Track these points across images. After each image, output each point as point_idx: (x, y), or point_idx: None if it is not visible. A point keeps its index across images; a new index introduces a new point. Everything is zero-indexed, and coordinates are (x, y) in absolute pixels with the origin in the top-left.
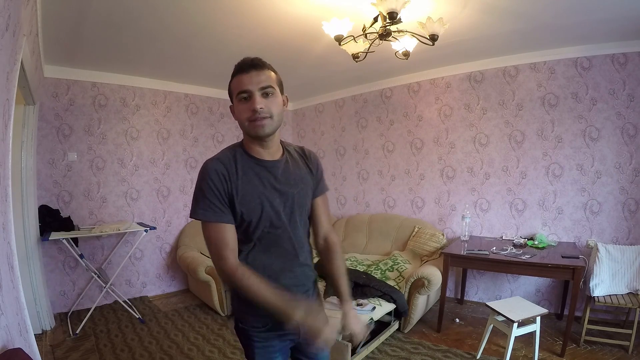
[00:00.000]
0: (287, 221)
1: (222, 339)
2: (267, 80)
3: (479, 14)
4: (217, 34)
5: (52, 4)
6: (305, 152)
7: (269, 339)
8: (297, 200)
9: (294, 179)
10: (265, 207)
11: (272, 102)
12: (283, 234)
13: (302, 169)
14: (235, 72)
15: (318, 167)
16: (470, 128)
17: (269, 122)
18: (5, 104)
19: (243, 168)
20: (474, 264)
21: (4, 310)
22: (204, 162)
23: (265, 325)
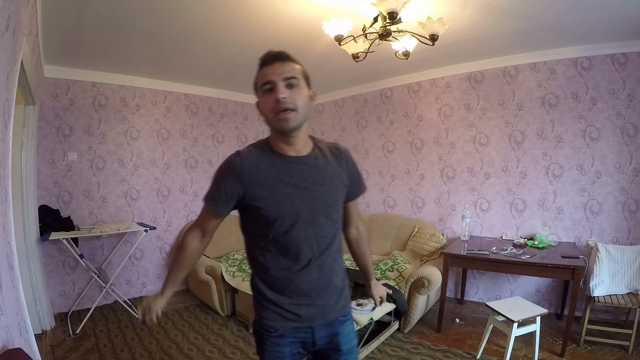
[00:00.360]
0: (308, 221)
1: (222, 339)
2: (291, 71)
3: (479, 14)
4: (217, 34)
5: (52, 4)
6: (339, 149)
7: (280, 345)
8: (323, 200)
9: (321, 177)
10: (284, 205)
11: (297, 94)
12: (302, 234)
13: (333, 167)
14: (260, 66)
15: (353, 167)
16: (470, 128)
17: (294, 115)
18: (5, 104)
19: (266, 163)
20: (474, 264)
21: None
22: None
23: (276, 330)
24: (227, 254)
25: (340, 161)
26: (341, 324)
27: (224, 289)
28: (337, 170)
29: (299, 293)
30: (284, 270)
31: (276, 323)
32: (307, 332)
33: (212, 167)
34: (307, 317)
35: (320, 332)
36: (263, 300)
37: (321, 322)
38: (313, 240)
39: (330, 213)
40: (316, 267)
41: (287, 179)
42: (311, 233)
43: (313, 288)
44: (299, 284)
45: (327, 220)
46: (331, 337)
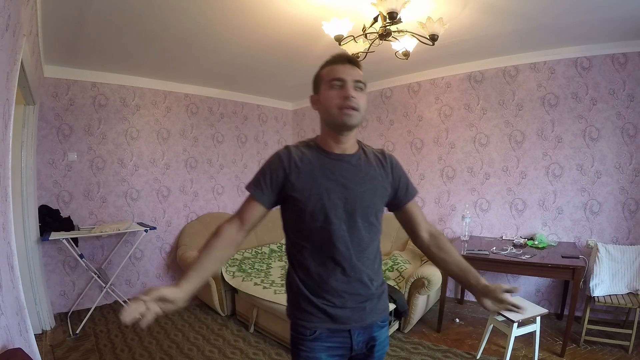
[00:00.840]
0: (344, 218)
1: (222, 339)
2: (361, 76)
3: (479, 14)
4: (217, 34)
5: (52, 4)
6: (383, 154)
7: (315, 350)
8: (360, 199)
9: (362, 177)
10: (322, 199)
11: (361, 97)
12: (337, 232)
13: (375, 170)
14: (329, 63)
15: (399, 171)
16: (470, 128)
17: (356, 114)
18: (5, 104)
19: (310, 158)
20: (474, 264)
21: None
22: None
23: (313, 333)
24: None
25: (384, 166)
26: (379, 329)
27: (224, 289)
28: (380, 173)
29: (332, 293)
30: (318, 268)
31: (311, 324)
32: (345, 337)
33: (212, 167)
34: (342, 319)
35: (357, 337)
36: (298, 298)
37: (357, 326)
38: (348, 240)
39: (367, 214)
40: (351, 268)
41: (329, 174)
42: (346, 232)
43: (346, 290)
44: (332, 283)
45: (363, 222)
46: (368, 342)
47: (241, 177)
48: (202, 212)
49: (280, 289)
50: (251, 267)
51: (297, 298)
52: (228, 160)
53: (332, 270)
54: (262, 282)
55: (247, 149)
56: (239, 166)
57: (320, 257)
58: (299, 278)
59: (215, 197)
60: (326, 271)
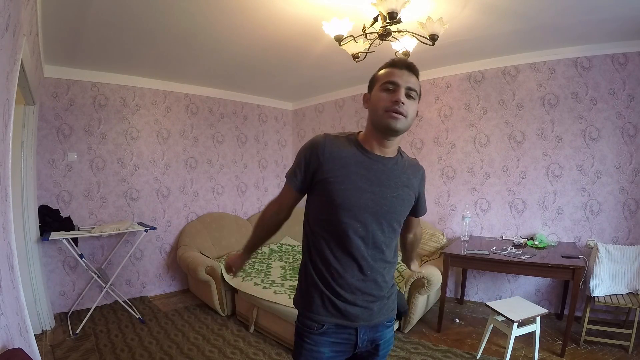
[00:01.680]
0: (370, 219)
1: (222, 339)
2: (415, 84)
3: (479, 14)
4: (217, 34)
5: (52, 4)
6: (418, 166)
7: (320, 344)
8: (390, 203)
9: (395, 182)
10: (353, 195)
11: (411, 105)
12: (361, 230)
13: (409, 178)
14: (388, 65)
15: (422, 187)
16: (470, 128)
17: (402, 120)
18: (5, 104)
19: (348, 152)
20: (474, 264)
21: (4, 310)
22: (318, 135)
23: (320, 327)
24: (227, 254)
25: (417, 176)
26: (385, 329)
27: (224, 289)
28: (412, 182)
29: (345, 288)
30: (336, 262)
31: (319, 317)
32: (351, 334)
33: (212, 167)
34: (351, 316)
35: (364, 335)
36: (311, 289)
37: (365, 324)
38: (370, 240)
39: (393, 220)
40: (367, 267)
41: (364, 172)
42: (370, 232)
43: (360, 288)
44: (348, 278)
45: (388, 226)
46: (373, 341)
47: (241, 177)
48: (202, 212)
49: (280, 289)
50: (251, 267)
51: (309, 288)
52: (228, 160)
53: (349, 267)
54: (262, 282)
55: (247, 149)
56: (239, 166)
57: (339, 251)
58: (314, 269)
59: (215, 197)
60: (343, 266)
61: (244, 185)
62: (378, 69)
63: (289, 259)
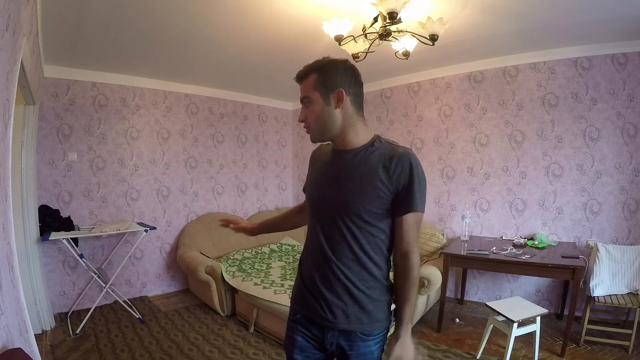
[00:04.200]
0: (327, 213)
1: (222, 339)
2: (305, 90)
3: (479, 14)
4: (217, 35)
5: (52, 4)
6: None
7: (294, 331)
8: (343, 195)
9: (350, 173)
10: (315, 192)
11: (309, 112)
12: (319, 225)
13: (371, 168)
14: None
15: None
16: (470, 128)
17: (311, 132)
18: (5, 104)
19: (324, 155)
20: (474, 264)
21: (4, 310)
22: None
23: (294, 315)
24: (227, 254)
25: (388, 164)
26: (359, 341)
27: (224, 289)
28: (375, 171)
29: (311, 278)
30: (308, 254)
31: (295, 305)
32: (320, 332)
33: (212, 167)
34: (316, 314)
35: (331, 338)
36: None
37: (331, 326)
38: (329, 236)
39: (349, 212)
40: (328, 262)
41: (325, 169)
42: (326, 228)
43: (324, 283)
44: (314, 272)
45: (343, 220)
46: (342, 349)
47: (241, 177)
48: (202, 212)
49: (280, 289)
50: (251, 267)
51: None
52: (228, 160)
53: (315, 257)
54: (262, 282)
55: (247, 149)
56: (239, 166)
57: (311, 244)
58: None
59: (215, 197)
60: (311, 254)
61: (244, 185)
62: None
63: (289, 259)
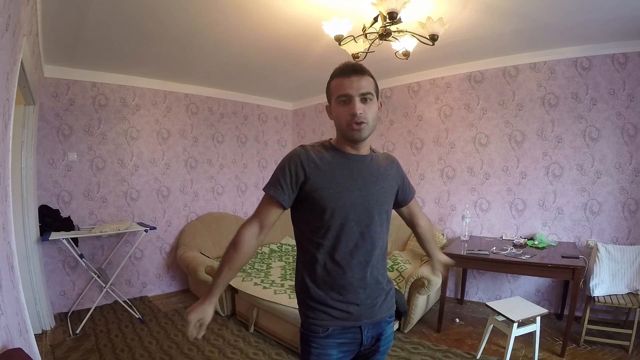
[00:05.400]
0: (362, 216)
1: (222, 339)
2: (367, 87)
3: (479, 14)
4: (217, 35)
5: (52, 4)
6: (391, 157)
7: (327, 347)
8: (376, 196)
9: (376, 176)
10: (342, 197)
11: (369, 108)
12: (356, 228)
13: (386, 170)
14: (336, 75)
15: (402, 174)
16: (470, 128)
17: (365, 128)
18: (5, 104)
19: (328, 158)
20: (474, 264)
21: (4, 310)
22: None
23: (325, 331)
24: None
25: (392, 167)
26: (387, 325)
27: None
28: (390, 173)
29: (348, 289)
30: (336, 265)
31: (324, 322)
32: (356, 333)
33: (212, 167)
34: (356, 315)
35: (368, 333)
36: (309, 300)
37: (369, 322)
38: (367, 236)
39: (382, 211)
40: (367, 264)
41: (347, 173)
42: (364, 228)
43: (362, 285)
44: (350, 279)
45: (379, 218)
46: (376, 338)
47: (241, 177)
48: (202, 212)
49: (280, 289)
50: (251, 267)
51: (309, 300)
52: (228, 160)
53: (350, 266)
54: (262, 282)
55: (247, 149)
56: (239, 166)
57: (338, 253)
58: (312, 279)
59: (215, 197)
60: (344, 268)
61: (244, 185)
62: (330, 77)
63: (289, 259)
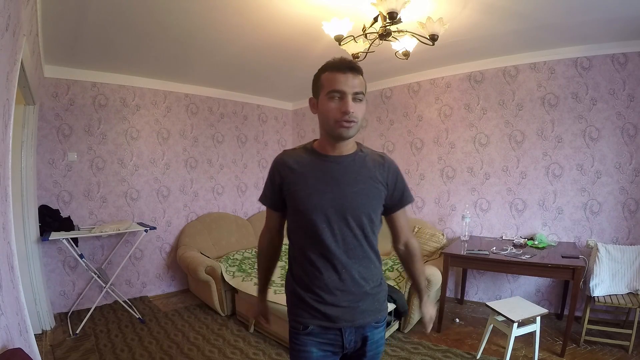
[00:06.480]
0: (335, 219)
1: (222, 339)
2: (360, 86)
3: (479, 14)
4: (217, 35)
5: (52, 4)
6: (383, 158)
7: (307, 344)
8: (351, 199)
9: (353, 178)
10: (314, 199)
11: (359, 108)
12: (328, 231)
13: (370, 171)
14: (331, 68)
15: (395, 178)
16: (470, 128)
17: (353, 126)
18: (5, 104)
19: (306, 161)
20: (474, 264)
21: (4, 310)
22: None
23: (305, 328)
24: (227, 254)
25: (381, 169)
26: (373, 330)
27: (224, 289)
28: (374, 175)
29: (325, 290)
30: (311, 265)
31: (303, 319)
32: (337, 335)
33: (212, 167)
34: (333, 317)
35: (349, 336)
36: (293, 297)
37: (349, 325)
38: (339, 239)
39: (359, 215)
40: (343, 267)
41: (320, 175)
42: (337, 230)
43: (339, 287)
44: (326, 280)
45: (355, 221)
46: (361, 341)
47: (241, 177)
48: (202, 212)
49: (280, 289)
50: (251, 267)
51: (291, 295)
52: (228, 160)
53: (325, 268)
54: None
55: (247, 149)
56: (239, 166)
57: (314, 254)
58: (293, 276)
59: (215, 197)
60: (319, 269)
61: (244, 185)
62: (320, 70)
63: None
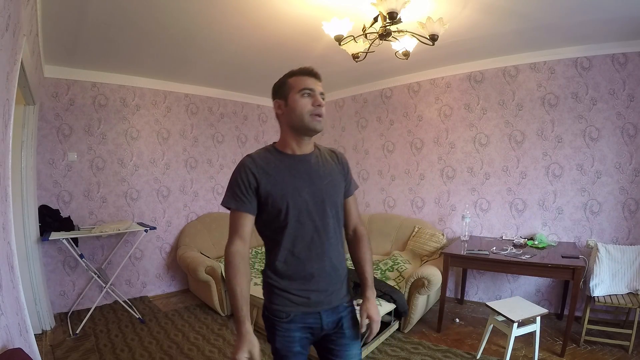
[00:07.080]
0: (315, 210)
1: (222, 339)
2: (322, 89)
3: (479, 14)
4: (217, 35)
5: (52, 4)
6: (335, 152)
7: (290, 330)
8: (326, 191)
9: (323, 172)
10: (293, 196)
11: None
12: (310, 223)
13: (331, 165)
14: (297, 74)
15: (347, 167)
16: (470, 128)
17: (323, 121)
18: (5, 104)
19: (275, 162)
20: (474, 264)
21: (4, 310)
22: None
23: (287, 316)
24: None
25: (337, 161)
26: (345, 309)
27: (224, 289)
28: (336, 167)
29: (309, 278)
30: (296, 259)
31: (287, 308)
32: (316, 318)
33: (212, 167)
34: (316, 302)
35: (327, 318)
36: (274, 289)
37: (327, 307)
38: (321, 229)
39: (333, 204)
40: (324, 254)
41: (295, 173)
42: (319, 222)
43: (321, 274)
44: (309, 270)
45: (331, 210)
46: (337, 322)
47: None
48: (202, 212)
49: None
50: (251, 267)
51: (273, 289)
52: (228, 160)
53: (308, 258)
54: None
55: (247, 149)
56: None
57: (297, 248)
58: (274, 270)
59: (215, 197)
60: (303, 260)
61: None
62: (286, 75)
63: None
